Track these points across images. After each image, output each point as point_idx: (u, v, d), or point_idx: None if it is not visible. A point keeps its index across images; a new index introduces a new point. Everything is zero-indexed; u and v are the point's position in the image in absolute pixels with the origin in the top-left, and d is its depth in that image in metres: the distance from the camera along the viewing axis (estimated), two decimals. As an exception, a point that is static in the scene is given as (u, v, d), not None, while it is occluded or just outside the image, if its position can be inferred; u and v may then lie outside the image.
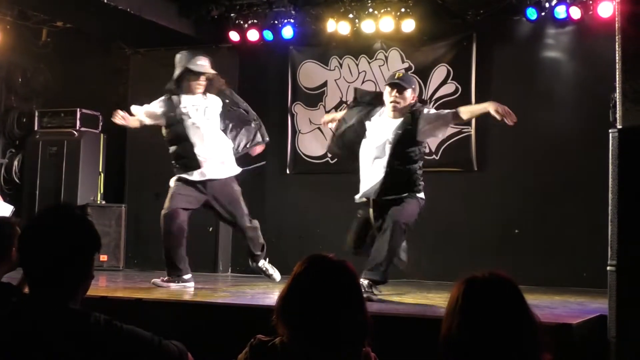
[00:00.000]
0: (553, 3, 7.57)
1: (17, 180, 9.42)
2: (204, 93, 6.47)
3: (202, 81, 6.42)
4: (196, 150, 6.32)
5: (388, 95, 5.79)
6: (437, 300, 5.45)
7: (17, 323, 2.23)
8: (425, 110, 5.87)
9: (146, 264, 8.45)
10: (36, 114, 9.38)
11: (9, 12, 8.72)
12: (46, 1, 7.90)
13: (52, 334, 2.19)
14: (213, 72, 6.48)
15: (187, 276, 6.29)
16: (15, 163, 9.47)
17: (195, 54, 6.51)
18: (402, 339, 3.92)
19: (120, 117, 6.44)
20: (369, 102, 6.04)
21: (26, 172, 9.28)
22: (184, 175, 6.33)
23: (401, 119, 5.76)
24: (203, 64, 6.41)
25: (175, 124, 6.36)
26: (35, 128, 9.32)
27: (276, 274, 6.68)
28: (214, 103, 6.51)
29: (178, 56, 6.48)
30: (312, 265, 2.33)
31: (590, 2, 7.46)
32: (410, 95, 5.79)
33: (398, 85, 5.77)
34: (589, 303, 5.55)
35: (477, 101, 8.04)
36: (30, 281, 2.32)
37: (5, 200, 8.45)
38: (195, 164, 6.32)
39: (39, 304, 2.26)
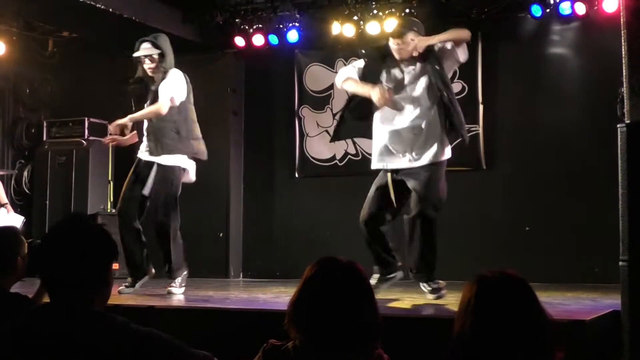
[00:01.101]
0: (558, -1, 7.57)
1: (27, 191, 9.46)
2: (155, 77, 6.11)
3: (148, 64, 6.07)
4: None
5: (392, 47, 5.45)
6: (448, 299, 5.44)
7: (40, 328, 2.27)
8: (438, 46, 5.51)
9: (157, 272, 8.45)
10: (44, 124, 9.42)
11: (14, 23, 8.77)
12: (51, 12, 7.93)
13: (76, 337, 2.24)
14: (150, 53, 6.07)
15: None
16: (25, 174, 9.51)
17: (144, 39, 6.18)
18: (414, 340, 3.91)
19: (110, 140, 6.38)
20: (377, 58, 5.66)
21: (36, 182, 9.32)
22: None
23: (421, 63, 5.46)
24: (144, 46, 6.11)
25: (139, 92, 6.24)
26: (44, 138, 9.36)
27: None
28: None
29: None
30: (322, 269, 2.33)
31: (595, -3, 7.45)
32: (411, 37, 5.42)
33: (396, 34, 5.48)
34: (602, 299, 5.53)
35: (484, 100, 8.05)
36: (50, 289, 2.37)
37: (15, 211, 8.48)
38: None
39: (61, 309, 2.30)
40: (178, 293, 6.09)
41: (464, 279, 2.37)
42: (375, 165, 5.60)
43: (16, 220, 8.21)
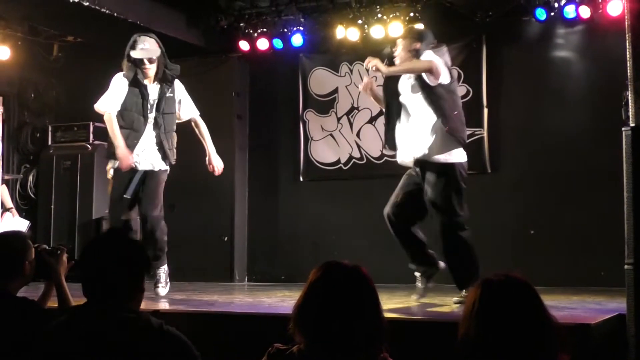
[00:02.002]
0: (562, 3, 7.56)
1: (33, 196, 9.47)
2: (155, 80, 5.95)
3: (148, 66, 5.89)
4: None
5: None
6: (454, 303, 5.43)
7: (77, 329, 2.53)
8: (425, 53, 5.56)
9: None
10: (49, 128, 9.43)
11: (19, 28, 8.78)
12: (56, 16, 7.94)
13: (112, 337, 2.50)
14: (155, 54, 5.89)
15: None
16: (30, 178, 9.52)
17: (141, 37, 5.96)
18: (419, 344, 3.91)
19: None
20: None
21: (41, 187, 9.33)
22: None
23: None
24: (144, 47, 5.87)
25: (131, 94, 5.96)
26: (49, 143, 9.37)
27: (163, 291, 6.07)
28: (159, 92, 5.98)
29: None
30: (327, 273, 2.33)
31: (600, 0, 7.43)
32: (407, 46, 5.57)
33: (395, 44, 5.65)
34: (608, 302, 5.52)
35: (489, 103, 8.05)
36: (88, 293, 2.64)
37: (20, 215, 8.50)
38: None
39: (96, 311, 2.57)
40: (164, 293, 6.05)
41: (469, 282, 2.36)
42: None
43: (21, 225, 8.23)
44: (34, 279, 3.55)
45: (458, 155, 5.56)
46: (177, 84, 6.12)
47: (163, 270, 6.08)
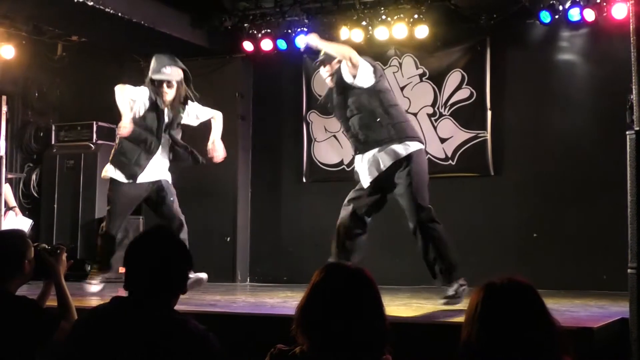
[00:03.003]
0: (567, 5, 7.55)
1: (36, 194, 9.48)
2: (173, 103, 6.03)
3: (167, 89, 5.95)
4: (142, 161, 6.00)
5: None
6: (457, 306, 5.42)
7: (118, 324, 2.59)
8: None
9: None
10: (53, 128, 9.44)
11: (24, 27, 8.79)
12: (61, 16, 7.95)
13: (150, 335, 2.55)
14: (177, 78, 5.96)
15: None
16: (34, 177, 9.53)
17: (167, 59, 6.02)
18: (422, 346, 3.90)
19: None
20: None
21: (44, 186, 9.34)
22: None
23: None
24: (167, 71, 5.93)
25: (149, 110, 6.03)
26: (52, 142, 9.38)
27: None
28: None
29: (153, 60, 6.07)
30: (330, 274, 2.33)
31: (604, 4, 7.42)
32: (329, 66, 5.84)
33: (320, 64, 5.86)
34: (610, 306, 5.51)
35: (492, 106, 8.05)
36: (131, 289, 2.68)
37: (23, 214, 8.50)
38: (136, 172, 6.01)
39: (139, 308, 2.63)
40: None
41: (471, 285, 2.37)
42: None
43: (24, 223, 8.23)
44: (34, 277, 3.54)
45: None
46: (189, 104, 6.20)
47: None
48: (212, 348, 2.60)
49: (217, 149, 6.27)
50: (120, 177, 6.02)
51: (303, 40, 5.73)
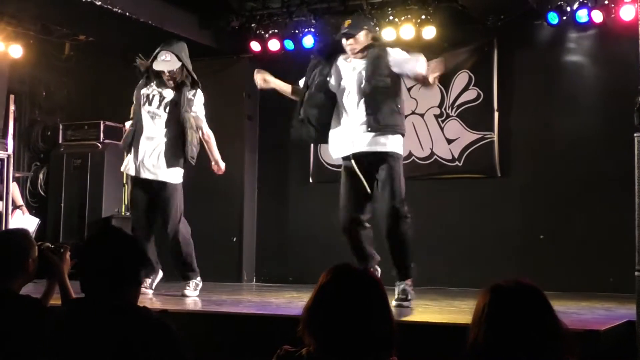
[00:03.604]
0: (574, 7, 7.53)
1: (43, 193, 9.50)
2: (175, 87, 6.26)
3: (167, 77, 6.24)
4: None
5: (345, 46, 5.62)
6: (463, 307, 5.42)
7: (79, 320, 2.65)
8: (391, 49, 5.61)
9: (171, 275, 8.48)
10: (60, 127, 9.45)
11: (31, 27, 8.82)
12: (69, 15, 7.97)
13: (110, 328, 2.59)
14: (174, 68, 6.18)
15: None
16: (41, 176, 9.55)
17: (165, 46, 6.28)
18: (429, 348, 3.90)
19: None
20: (325, 54, 5.85)
21: (51, 185, 9.35)
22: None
23: (367, 56, 5.56)
24: (165, 59, 6.21)
25: (137, 103, 6.33)
26: (60, 141, 9.39)
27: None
28: (175, 97, 6.27)
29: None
30: (337, 276, 2.32)
31: (612, 5, 7.41)
32: (364, 36, 5.58)
33: (347, 35, 5.59)
34: (617, 309, 5.50)
35: (500, 107, 8.04)
36: (85, 290, 2.74)
37: (30, 213, 8.53)
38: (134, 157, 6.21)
39: (94, 304, 2.67)
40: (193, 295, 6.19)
41: (477, 286, 2.36)
42: None
43: (31, 222, 8.25)
44: (37, 276, 3.55)
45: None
46: (199, 96, 6.32)
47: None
48: (170, 333, 2.64)
49: (220, 167, 6.62)
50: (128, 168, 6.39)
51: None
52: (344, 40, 5.62)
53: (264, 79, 5.98)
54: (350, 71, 5.61)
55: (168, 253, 6.39)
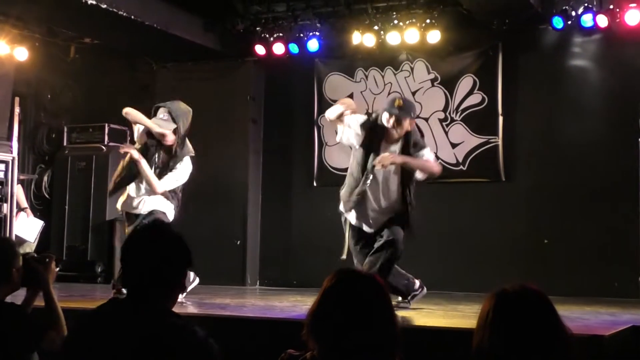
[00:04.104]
0: (579, 11, 7.53)
1: (47, 196, 9.51)
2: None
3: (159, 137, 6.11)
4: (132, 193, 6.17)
5: (386, 122, 5.65)
6: (467, 312, 5.41)
7: (115, 328, 2.49)
8: (424, 151, 5.80)
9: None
10: (65, 129, 9.48)
11: (37, 29, 8.84)
12: (74, 18, 7.98)
13: (149, 340, 2.43)
14: (166, 131, 6.04)
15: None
16: (45, 178, 9.57)
17: (166, 104, 6.21)
18: (433, 352, 3.89)
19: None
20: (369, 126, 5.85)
21: (56, 187, 9.37)
22: None
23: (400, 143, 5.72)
24: (163, 117, 6.08)
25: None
26: (64, 144, 9.42)
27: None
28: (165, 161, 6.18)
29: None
30: (341, 280, 2.32)
31: (617, 10, 7.41)
32: (408, 123, 5.69)
33: (397, 115, 5.62)
34: (621, 314, 5.49)
35: (504, 111, 8.03)
36: (128, 286, 2.60)
37: (35, 215, 8.53)
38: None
39: (137, 312, 2.52)
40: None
41: (482, 291, 2.36)
42: None
43: (35, 225, 8.26)
44: (22, 285, 3.54)
45: None
46: (185, 165, 6.21)
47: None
48: (213, 356, 2.51)
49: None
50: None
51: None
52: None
53: None
54: None
55: None
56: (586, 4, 7.51)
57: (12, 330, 3.23)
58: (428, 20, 7.95)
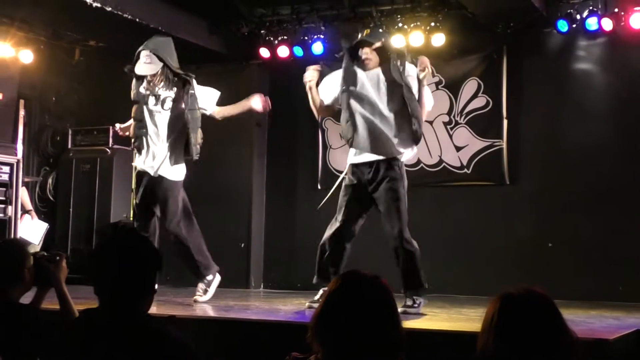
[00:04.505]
0: (584, 15, 7.53)
1: (52, 198, 9.52)
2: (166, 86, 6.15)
3: (151, 80, 6.13)
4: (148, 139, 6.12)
5: (359, 54, 5.64)
6: (471, 315, 5.41)
7: (87, 329, 2.54)
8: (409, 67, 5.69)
9: (179, 280, 8.48)
10: (69, 132, 9.48)
11: (42, 32, 8.86)
12: (79, 21, 7.99)
13: (128, 347, 2.46)
14: (155, 72, 6.08)
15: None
16: (50, 181, 9.58)
17: (146, 45, 6.19)
18: (438, 356, 3.89)
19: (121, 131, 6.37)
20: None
21: (60, 189, 9.38)
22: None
23: (381, 68, 5.62)
24: (145, 61, 6.11)
25: (138, 102, 6.21)
26: (69, 146, 9.42)
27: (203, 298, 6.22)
28: (175, 95, 6.17)
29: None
30: (346, 282, 2.32)
31: (622, 13, 7.40)
32: (371, 51, 5.63)
33: (364, 42, 5.63)
34: (626, 317, 5.48)
35: (509, 114, 8.02)
36: (99, 292, 2.59)
37: (39, 218, 8.55)
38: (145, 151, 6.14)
39: (106, 313, 2.54)
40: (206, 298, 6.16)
41: (486, 294, 2.36)
42: None
43: (40, 227, 8.27)
44: (34, 284, 3.55)
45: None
46: (197, 87, 6.27)
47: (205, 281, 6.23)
48: (192, 356, 2.53)
49: (256, 106, 6.54)
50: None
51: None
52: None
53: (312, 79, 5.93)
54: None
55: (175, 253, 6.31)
56: (591, 8, 7.51)
57: (26, 332, 3.24)
58: (432, 24, 7.95)
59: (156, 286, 2.70)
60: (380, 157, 5.56)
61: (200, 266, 6.22)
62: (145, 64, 6.11)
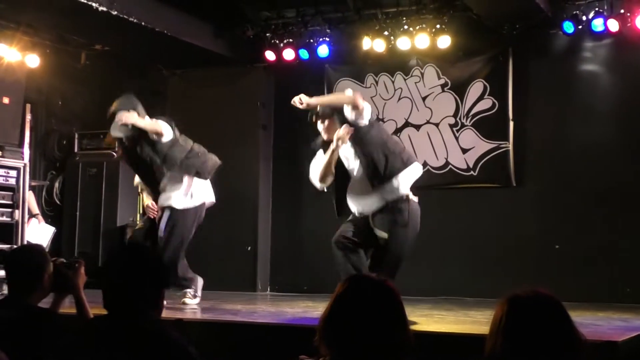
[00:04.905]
0: (590, 16, 7.52)
1: (58, 202, 9.54)
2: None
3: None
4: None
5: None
6: (478, 317, 5.39)
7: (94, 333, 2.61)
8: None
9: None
10: (76, 136, 9.50)
11: (48, 36, 8.88)
12: (85, 25, 8.01)
13: (129, 348, 2.51)
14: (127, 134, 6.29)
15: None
16: (56, 185, 9.59)
17: (119, 104, 6.37)
18: (445, 358, 3.88)
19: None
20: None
21: (67, 193, 9.40)
22: None
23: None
24: (116, 123, 6.28)
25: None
26: (75, 150, 9.44)
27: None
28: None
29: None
30: (353, 286, 2.32)
31: (628, 14, 7.39)
32: (328, 121, 5.73)
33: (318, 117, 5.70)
34: (633, 319, 5.46)
35: (515, 116, 8.01)
36: (107, 305, 2.67)
37: (46, 222, 8.56)
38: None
39: (114, 323, 2.60)
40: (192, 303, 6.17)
41: (493, 296, 2.35)
42: None
43: (47, 231, 8.28)
44: (52, 290, 3.57)
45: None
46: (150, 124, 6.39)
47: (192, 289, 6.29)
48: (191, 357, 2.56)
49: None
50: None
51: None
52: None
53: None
54: None
55: None
56: (597, 9, 7.50)
57: (46, 336, 3.24)
58: (438, 26, 7.95)
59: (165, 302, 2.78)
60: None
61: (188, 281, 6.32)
62: (117, 127, 6.30)
